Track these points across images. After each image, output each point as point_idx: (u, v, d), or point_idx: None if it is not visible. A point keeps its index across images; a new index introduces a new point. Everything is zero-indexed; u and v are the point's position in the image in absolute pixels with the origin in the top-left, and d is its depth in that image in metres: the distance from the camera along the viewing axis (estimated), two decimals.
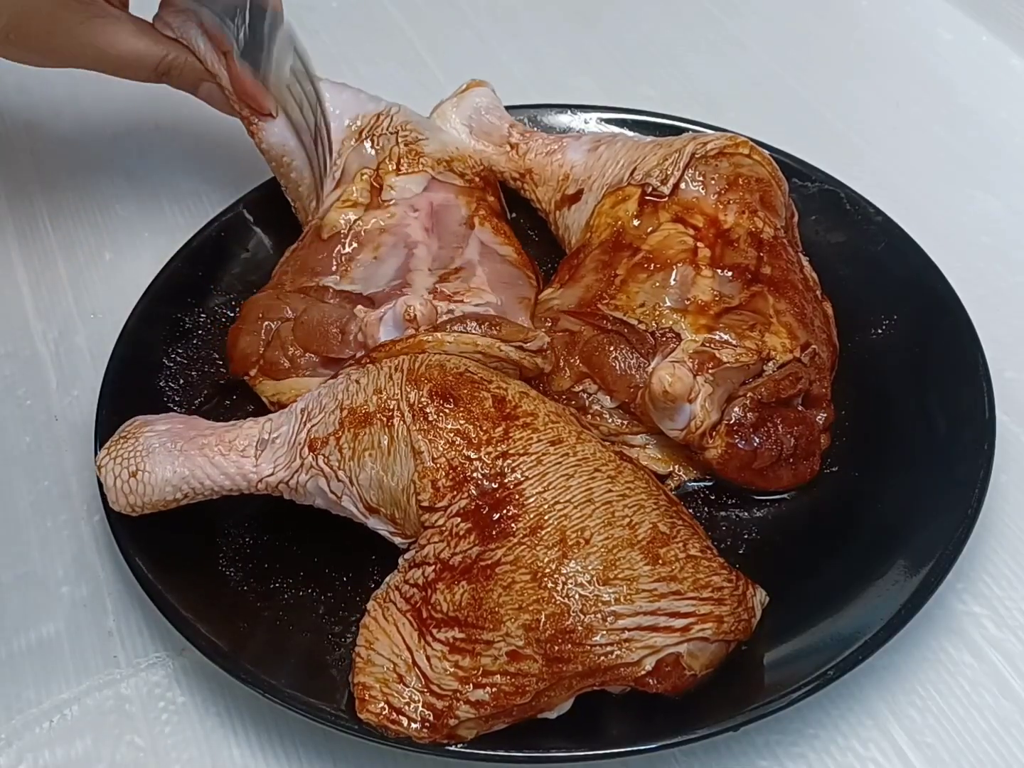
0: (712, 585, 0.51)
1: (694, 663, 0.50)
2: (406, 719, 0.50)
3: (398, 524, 0.54)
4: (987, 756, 0.53)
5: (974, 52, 0.92)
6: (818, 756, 0.53)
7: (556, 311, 0.65)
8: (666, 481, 0.61)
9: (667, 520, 0.52)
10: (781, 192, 0.68)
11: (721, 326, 0.62)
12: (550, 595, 0.50)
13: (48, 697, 0.56)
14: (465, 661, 0.50)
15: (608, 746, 0.50)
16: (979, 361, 0.62)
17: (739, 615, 0.51)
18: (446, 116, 0.75)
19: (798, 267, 0.66)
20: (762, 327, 0.62)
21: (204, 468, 0.56)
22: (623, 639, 0.49)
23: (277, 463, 0.56)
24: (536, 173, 0.73)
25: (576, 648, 0.49)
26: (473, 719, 0.49)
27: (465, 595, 0.50)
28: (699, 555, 0.52)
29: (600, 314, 0.63)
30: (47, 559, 0.62)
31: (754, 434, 0.60)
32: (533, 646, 0.49)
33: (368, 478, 0.54)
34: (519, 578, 0.50)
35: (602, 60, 0.93)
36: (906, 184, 0.80)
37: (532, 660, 0.49)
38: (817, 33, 0.95)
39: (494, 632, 0.50)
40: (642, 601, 0.50)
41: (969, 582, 0.59)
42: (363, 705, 0.50)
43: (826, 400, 0.63)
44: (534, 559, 0.50)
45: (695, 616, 0.50)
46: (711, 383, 0.59)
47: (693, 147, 0.67)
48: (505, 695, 0.49)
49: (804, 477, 0.61)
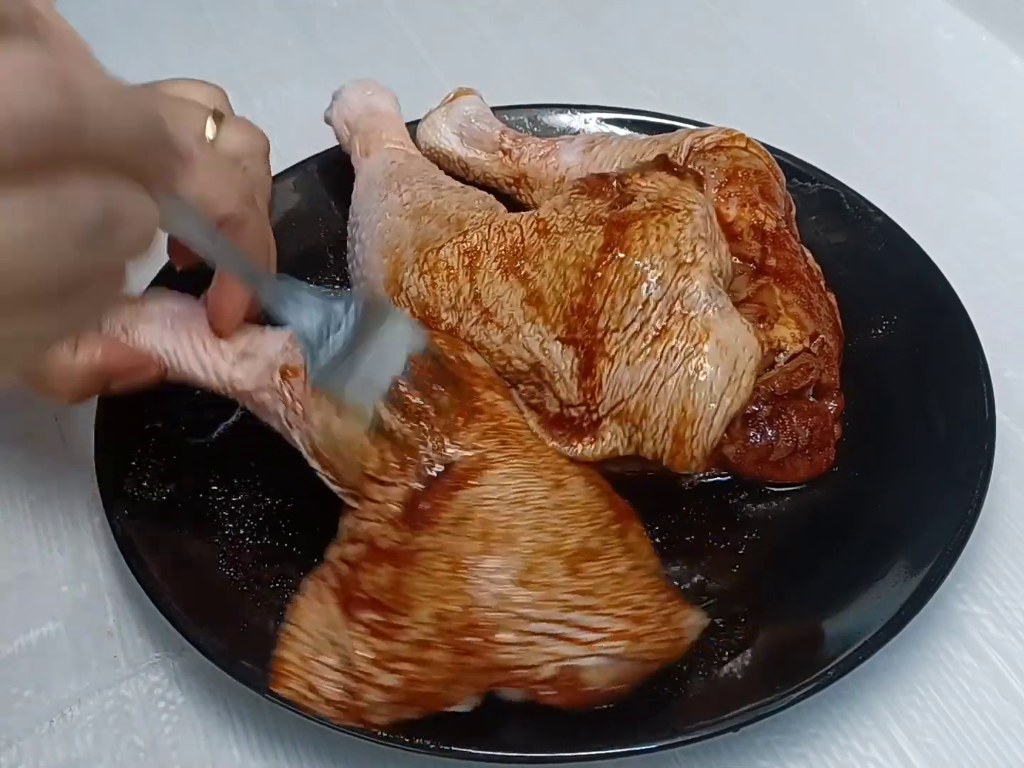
0: (632, 603, 0.51)
1: (599, 678, 0.50)
2: (321, 698, 0.50)
3: (336, 474, 0.54)
4: (987, 756, 0.53)
5: (974, 52, 0.92)
6: (818, 756, 0.53)
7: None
8: (681, 477, 0.61)
9: (600, 538, 0.52)
10: (779, 184, 0.68)
11: None
12: (465, 587, 0.50)
13: (48, 697, 0.56)
14: (381, 645, 0.50)
15: (608, 746, 0.49)
16: (979, 361, 0.62)
17: (662, 635, 0.51)
18: (436, 125, 0.75)
19: (801, 257, 0.66)
20: (771, 319, 0.62)
21: (186, 352, 0.58)
22: (527, 642, 0.49)
23: (250, 375, 0.58)
24: (531, 177, 0.73)
25: (481, 643, 0.49)
26: (384, 704, 0.49)
27: (387, 578, 0.51)
28: (625, 573, 0.51)
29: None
30: (47, 559, 0.62)
31: (769, 427, 0.60)
32: (443, 636, 0.49)
33: (321, 420, 0.54)
34: (439, 566, 0.50)
35: (602, 60, 0.93)
36: (906, 184, 0.80)
37: (439, 650, 0.49)
38: (817, 33, 0.95)
39: (407, 618, 0.50)
40: (553, 609, 0.50)
41: (969, 582, 0.59)
42: (279, 680, 0.51)
43: (836, 389, 0.63)
44: (456, 550, 0.50)
45: (607, 632, 0.50)
46: None
47: (691, 141, 0.67)
48: (412, 682, 0.49)
49: (820, 468, 0.61)
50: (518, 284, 0.60)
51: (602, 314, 0.58)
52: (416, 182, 0.69)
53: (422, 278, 0.62)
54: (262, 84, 0.65)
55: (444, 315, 0.61)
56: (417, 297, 0.62)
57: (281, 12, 0.99)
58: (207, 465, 0.62)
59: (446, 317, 0.61)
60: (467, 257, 0.62)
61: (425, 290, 0.62)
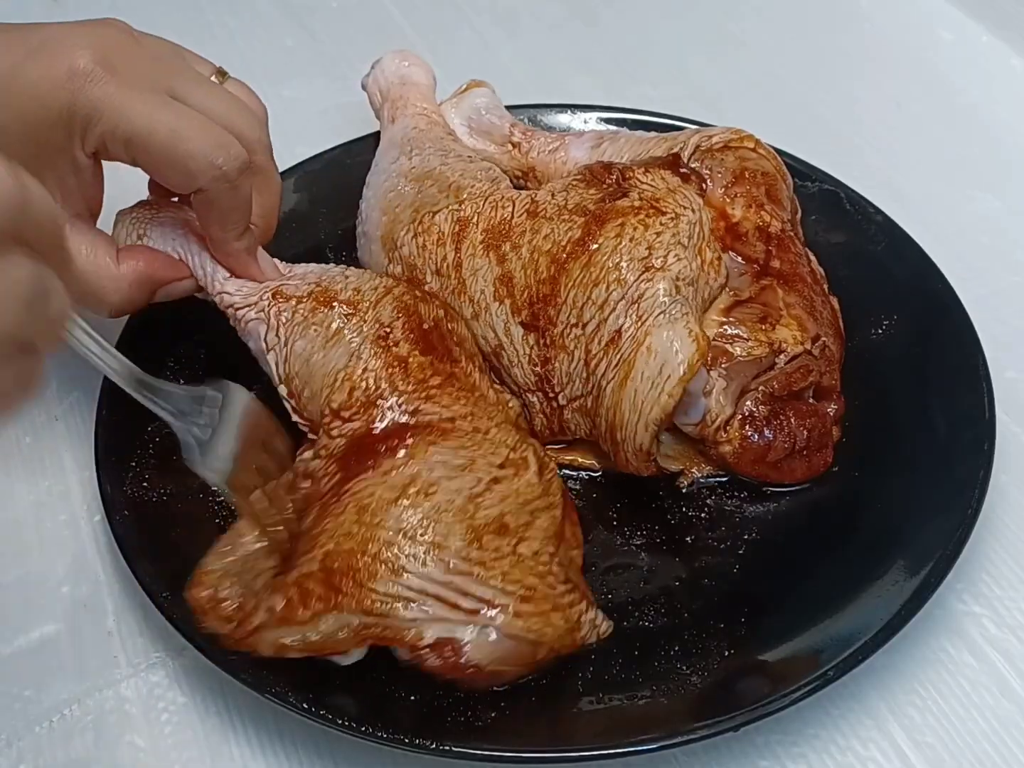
0: (525, 584, 0.51)
1: (478, 654, 0.50)
2: (218, 614, 0.52)
3: (300, 403, 0.57)
4: (987, 756, 0.53)
5: (974, 52, 0.92)
6: (818, 756, 0.53)
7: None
8: (679, 478, 0.61)
9: (522, 520, 0.53)
10: (786, 186, 0.68)
11: (732, 319, 0.62)
12: (358, 530, 0.51)
13: (48, 697, 0.56)
14: (286, 575, 0.51)
15: (608, 746, 0.49)
16: (979, 361, 0.62)
17: (551, 621, 0.51)
18: (446, 116, 0.75)
19: (805, 260, 0.66)
20: (773, 320, 0.62)
21: (193, 255, 0.60)
22: (403, 596, 0.50)
23: (241, 291, 0.60)
24: (539, 171, 0.73)
25: (354, 586, 0.50)
26: (268, 629, 0.50)
27: (313, 516, 0.53)
28: (528, 556, 0.52)
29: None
30: (47, 559, 0.62)
31: (767, 427, 0.60)
32: (324, 572, 0.50)
33: (301, 348, 0.57)
34: (348, 510, 0.52)
35: (602, 60, 0.93)
36: (906, 184, 0.80)
37: (317, 582, 0.50)
38: (817, 33, 0.95)
39: (308, 555, 0.51)
40: (435, 568, 0.50)
41: (969, 582, 0.59)
42: (192, 586, 0.53)
43: (836, 392, 0.63)
44: (369, 496, 0.52)
45: (488, 603, 0.50)
46: (724, 377, 0.60)
47: (697, 140, 0.67)
48: (290, 607, 0.50)
49: (818, 469, 0.61)
50: (495, 262, 0.61)
51: (564, 307, 0.59)
52: (428, 148, 0.70)
53: (415, 239, 0.64)
54: (262, 84, 0.65)
55: (429, 278, 0.63)
56: (408, 257, 0.64)
57: (281, 12, 0.99)
58: None
59: (431, 281, 0.63)
60: (458, 225, 0.63)
61: (416, 251, 0.64)
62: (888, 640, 0.52)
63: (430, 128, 0.73)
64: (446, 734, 0.50)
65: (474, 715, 0.51)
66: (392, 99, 0.75)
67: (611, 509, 0.61)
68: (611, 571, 0.58)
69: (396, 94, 0.76)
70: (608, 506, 0.61)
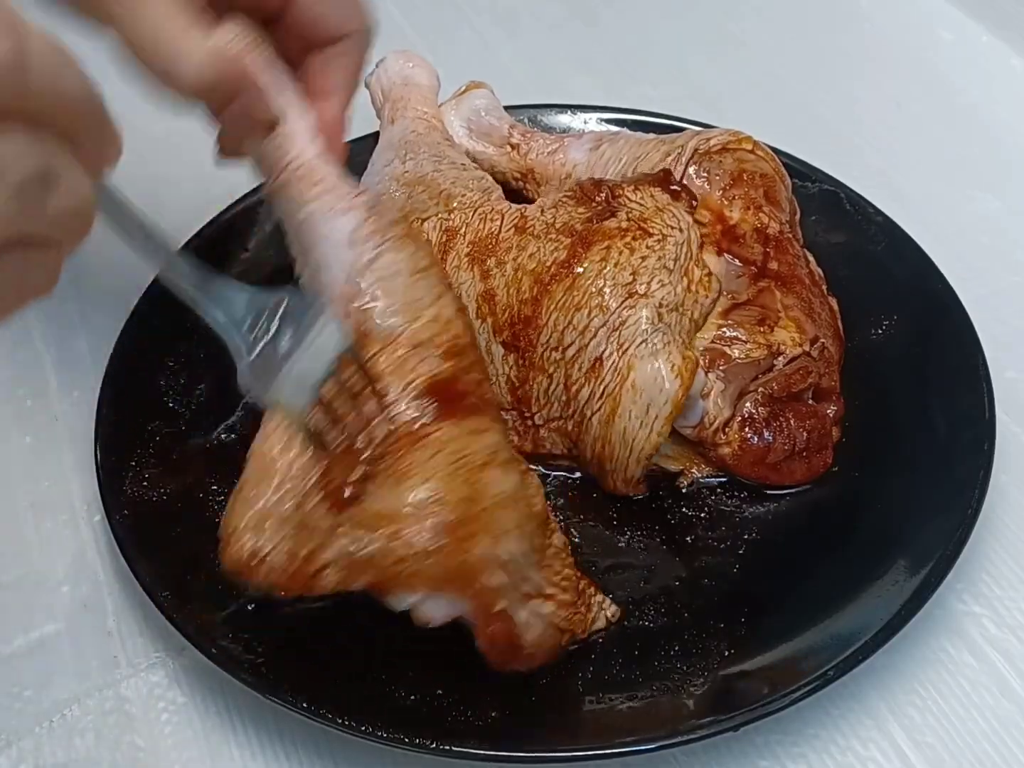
0: (563, 575, 0.53)
1: (527, 633, 0.51)
2: (269, 567, 0.49)
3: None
4: (987, 756, 0.53)
5: (974, 52, 0.92)
6: (818, 756, 0.53)
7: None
8: (679, 478, 0.61)
9: (548, 516, 0.54)
10: (785, 188, 0.68)
11: (730, 322, 0.62)
12: (463, 490, 0.49)
13: (48, 697, 0.56)
14: (340, 517, 0.49)
15: (608, 746, 0.49)
16: (979, 361, 0.62)
17: (578, 609, 0.53)
18: (445, 117, 0.75)
19: (804, 262, 0.67)
20: (771, 322, 0.63)
21: (291, 95, 0.55)
22: (499, 561, 0.49)
23: (331, 168, 0.55)
24: (538, 173, 0.73)
25: (464, 538, 0.48)
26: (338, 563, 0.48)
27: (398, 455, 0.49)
28: (561, 547, 0.54)
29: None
30: (47, 559, 0.62)
31: (766, 429, 0.60)
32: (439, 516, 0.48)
33: (391, 262, 0.52)
34: (441, 458, 0.49)
35: (602, 60, 0.93)
36: (906, 184, 0.80)
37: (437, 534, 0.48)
38: (817, 33, 0.95)
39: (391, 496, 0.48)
40: (518, 547, 0.50)
41: (969, 582, 0.59)
42: (224, 548, 0.50)
43: (835, 393, 0.63)
44: (463, 452, 0.50)
45: (540, 591, 0.51)
46: (723, 379, 0.60)
47: (696, 143, 0.67)
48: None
49: (817, 471, 0.61)
50: (479, 277, 0.61)
51: (544, 329, 0.59)
52: (422, 153, 0.70)
53: None
54: None
55: None
56: None
57: None
58: (207, 465, 0.62)
59: None
60: (446, 235, 0.63)
61: None
62: (888, 640, 0.52)
63: (428, 133, 0.73)
64: (446, 734, 0.50)
65: (474, 715, 0.51)
66: (393, 100, 0.76)
67: (611, 509, 0.61)
68: (611, 571, 0.58)
69: (398, 95, 0.76)
70: (608, 506, 0.61)
